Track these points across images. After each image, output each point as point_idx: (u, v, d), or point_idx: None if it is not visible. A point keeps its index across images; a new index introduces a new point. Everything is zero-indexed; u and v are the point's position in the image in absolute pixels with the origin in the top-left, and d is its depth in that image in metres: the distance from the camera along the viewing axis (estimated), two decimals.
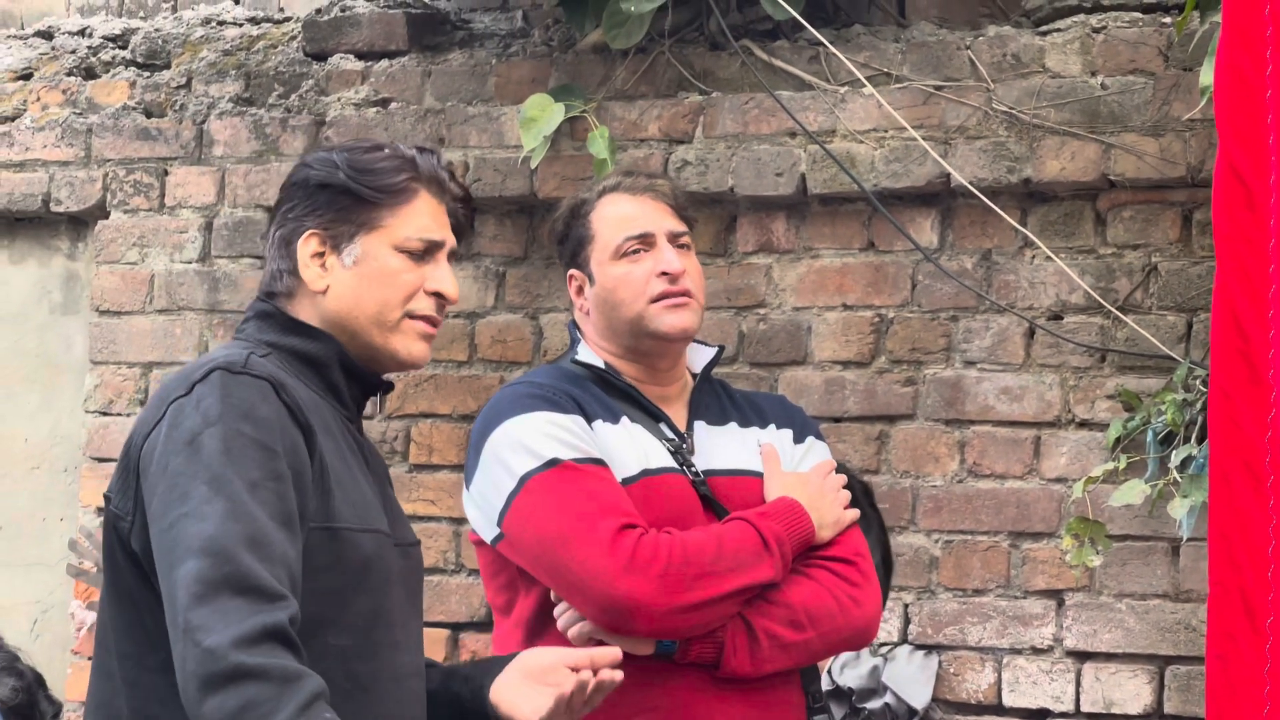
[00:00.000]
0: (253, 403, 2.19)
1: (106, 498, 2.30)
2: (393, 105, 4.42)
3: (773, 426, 2.96)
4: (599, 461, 2.75)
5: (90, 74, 4.77)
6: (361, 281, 2.34)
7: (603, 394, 2.87)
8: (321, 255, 2.35)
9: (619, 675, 2.41)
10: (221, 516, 2.11)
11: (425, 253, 2.37)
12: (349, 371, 2.37)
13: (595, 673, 2.41)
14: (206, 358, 2.28)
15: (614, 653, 2.44)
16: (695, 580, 2.67)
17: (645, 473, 2.80)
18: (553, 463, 2.73)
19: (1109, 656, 3.82)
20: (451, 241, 2.41)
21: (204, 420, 2.17)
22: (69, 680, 4.52)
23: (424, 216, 2.37)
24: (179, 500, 2.14)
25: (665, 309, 2.85)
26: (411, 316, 2.37)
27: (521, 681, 2.43)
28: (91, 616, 4.46)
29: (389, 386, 2.45)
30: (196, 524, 2.11)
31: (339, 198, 2.34)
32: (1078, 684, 3.83)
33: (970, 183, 3.90)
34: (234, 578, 2.08)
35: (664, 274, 2.86)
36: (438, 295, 2.38)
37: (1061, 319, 3.91)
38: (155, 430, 2.22)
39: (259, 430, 2.18)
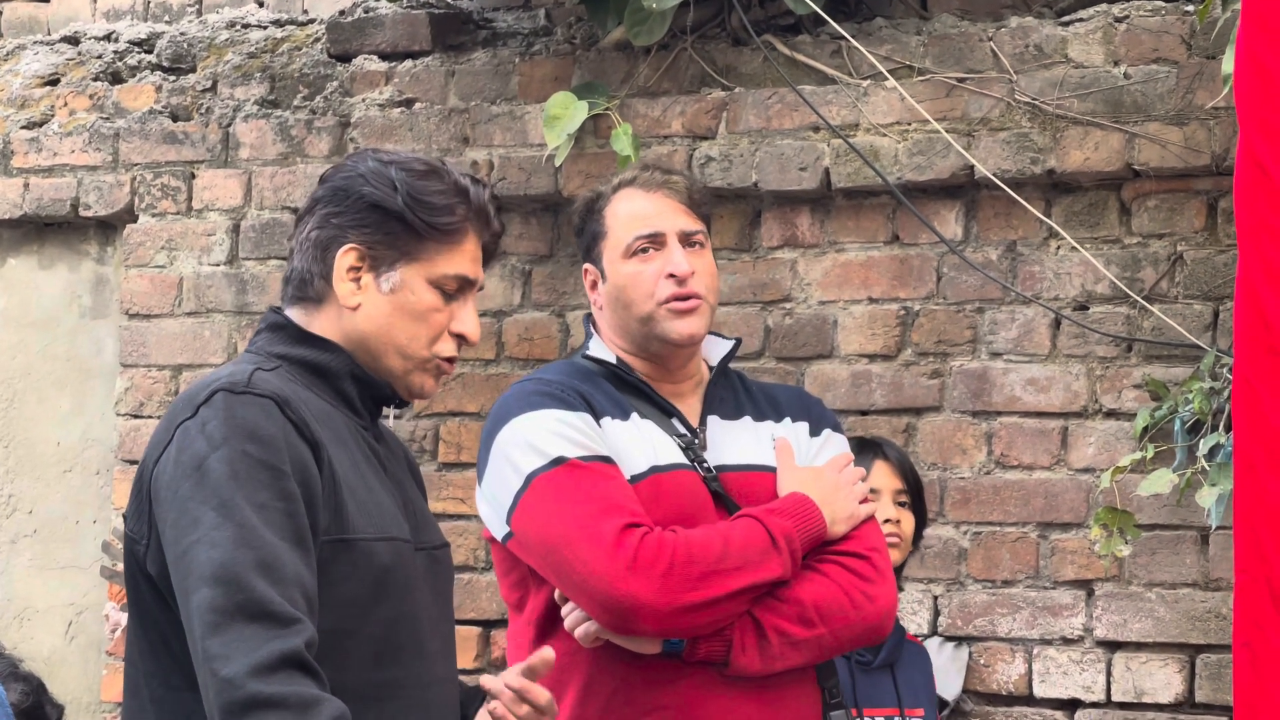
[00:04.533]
0: (257, 422, 2.19)
1: (124, 518, 2.31)
2: (417, 105, 4.44)
3: (788, 420, 2.94)
4: (606, 459, 2.74)
5: (116, 78, 4.80)
6: (394, 311, 2.34)
7: (614, 390, 2.85)
8: (358, 271, 2.34)
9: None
10: (231, 543, 2.11)
11: (457, 291, 2.37)
12: (360, 382, 2.37)
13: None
14: (211, 376, 2.28)
15: (546, 695, 2.40)
16: (700, 580, 2.65)
17: (654, 469, 2.78)
18: (559, 461, 2.72)
19: (1139, 646, 3.82)
20: (482, 279, 2.41)
21: (209, 444, 2.17)
22: (105, 681, 4.55)
23: (466, 256, 2.37)
24: (190, 527, 2.14)
25: (673, 314, 2.83)
26: (433, 355, 2.37)
27: None
28: (125, 618, 4.48)
29: (404, 402, 2.44)
30: (207, 551, 2.12)
31: (390, 222, 2.33)
32: (1108, 674, 3.83)
33: (994, 174, 3.91)
34: (247, 605, 2.08)
35: (672, 276, 2.83)
36: (460, 336, 2.38)
37: (1087, 309, 3.91)
38: (164, 454, 2.22)
39: (264, 450, 2.18)
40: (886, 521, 3.39)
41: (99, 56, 4.82)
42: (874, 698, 3.22)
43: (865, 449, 3.46)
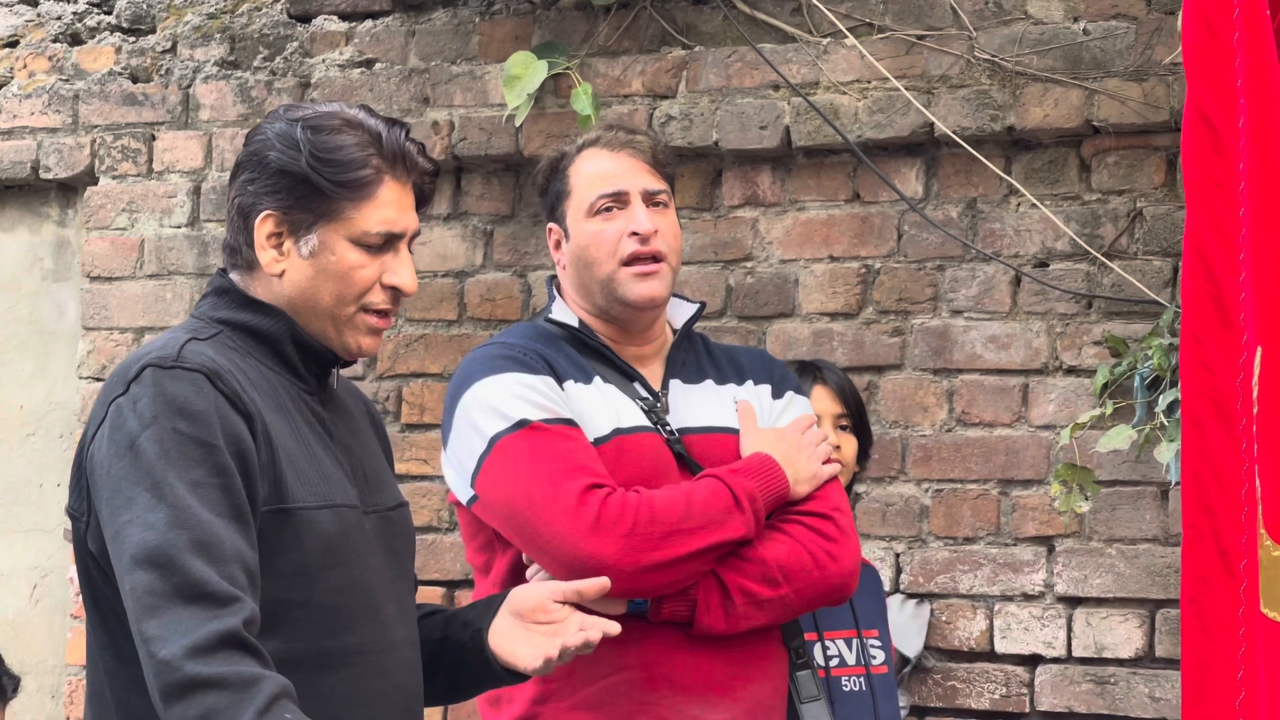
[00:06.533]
0: (187, 398, 2.16)
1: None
2: (377, 66, 4.42)
3: (750, 382, 2.93)
4: (569, 422, 2.73)
5: (76, 40, 4.77)
6: (317, 274, 2.30)
7: (576, 353, 2.84)
8: (279, 236, 2.30)
9: (615, 628, 2.39)
10: (165, 524, 2.09)
11: (385, 244, 2.32)
12: (302, 347, 2.34)
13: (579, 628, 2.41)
14: (145, 349, 2.26)
15: (602, 583, 2.44)
16: (663, 539, 2.64)
17: (617, 432, 2.77)
18: (522, 424, 2.71)
19: (1099, 601, 3.84)
20: (413, 228, 2.35)
21: (140, 422, 2.15)
22: (69, 643, 4.55)
23: (386, 207, 2.31)
24: (123, 507, 2.12)
25: (635, 276, 2.82)
26: (365, 310, 2.33)
27: (515, 626, 2.41)
28: None
29: (348, 362, 2.41)
30: (141, 533, 2.10)
31: (299, 185, 2.28)
32: (1069, 629, 3.85)
33: (954, 132, 3.90)
34: (184, 587, 2.07)
35: (635, 234, 2.82)
36: (394, 288, 2.33)
37: (1047, 266, 3.92)
38: (99, 432, 2.20)
39: (196, 426, 2.15)
40: None
41: (58, 18, 4.78)
42: (833, 621, 3.21)
43: (804, 372, 3.39)
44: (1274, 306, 2.36)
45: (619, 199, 2.85)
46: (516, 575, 2.79)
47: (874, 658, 3.21)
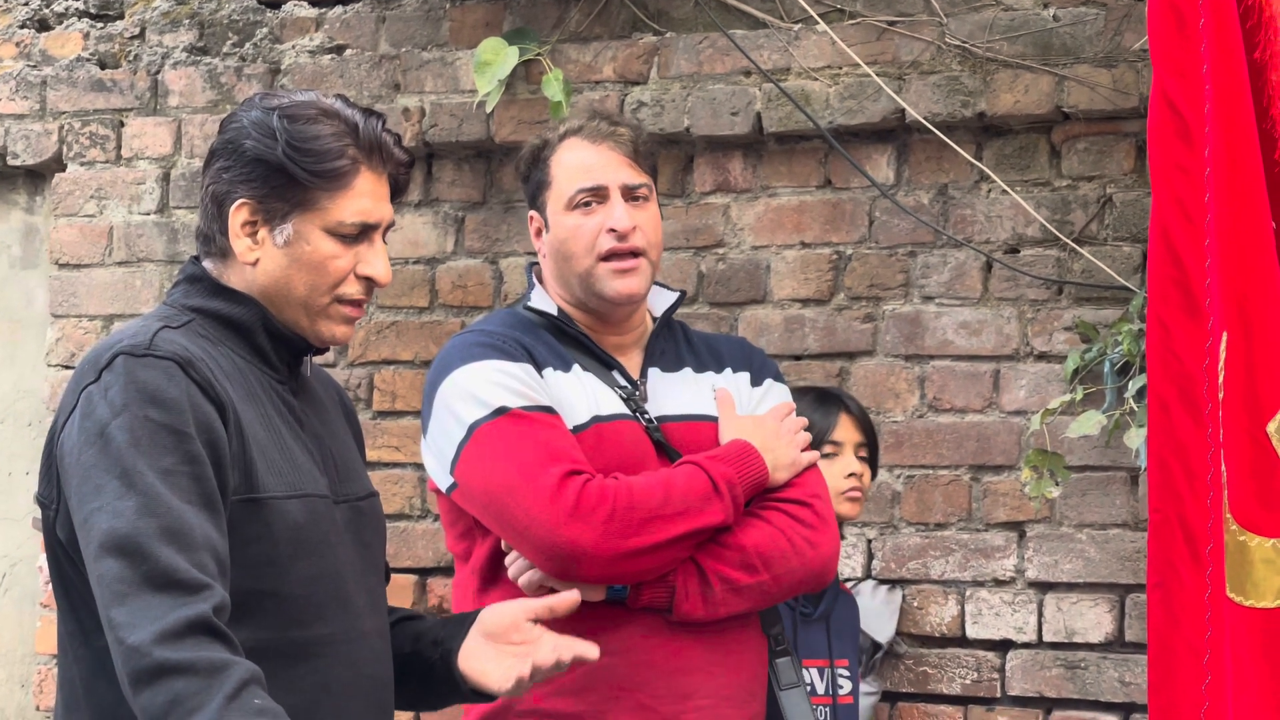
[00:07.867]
0: (159, 385, 2.16)
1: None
2: (347, 52, 4.40)
3: (729, 370, 2.94)
4: (548, 409, 2.74)
5: (44, 26, 4.74)
6: (292, 263, 2.30)
7: (555, 341, 2.85)
8: (253, 224, 2.30)
9: (594, 653, 2.40)
10: (135, 512, 2.09)
11: (360, 234, 2.32)
12: (274, 335, 2.34)
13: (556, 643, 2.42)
14: (116, 336, 2.25)
15: (572, 597, 2.45)
16: (641, 525, 2.65)
17: (596, 419, 2.78)
18: (501, 411, 2.72)
19: (1070, 586, 3.85)
20: (388, 218, 2.36)
21: (111, 410, 2.14)
22: (39, 633, 4.53)
23: (362, 198, 2.31)
24: (93, 494, 2.12)
25: (613, 272, 2.82)
26: (339, 301, 2.33)
27: (486, 646, 2.42)
28: None
29: (320, 350, 2.41)
30: (110, 521, 2.09)
31: (274, 175, 2.28)
32: (1040, 614, 3.86)
33: (925, 118, 3.90)
34: (153, 575, 2.06)
35: (613, 230, 2.82)
36: (368, 279, 2.33)
37: (1018, 252, 3.92)
38: (69, 420, 2.19)
39: (167, 414, 2.15)
40: (851, 475, 3.47)
41: (25, 3, 4.75)
42: (809, 649, 3.25)
43: (829, 401, 3.50)
44: (1240, 292, 2.37)
45: (598, 194, 2.85)
46: (496, 563, 2.79)
47: (841, 688, 3.26)
